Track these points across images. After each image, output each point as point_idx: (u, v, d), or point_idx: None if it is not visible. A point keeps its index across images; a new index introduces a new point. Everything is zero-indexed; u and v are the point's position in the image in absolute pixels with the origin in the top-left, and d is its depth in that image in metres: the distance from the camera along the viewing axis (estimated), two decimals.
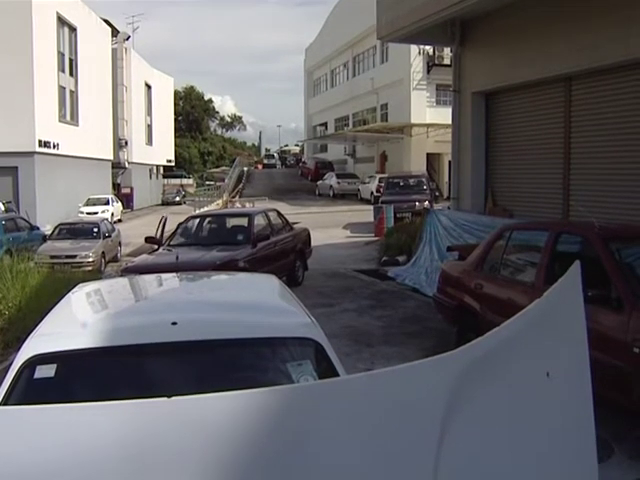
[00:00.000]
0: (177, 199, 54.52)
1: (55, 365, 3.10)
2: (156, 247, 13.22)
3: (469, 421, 1.52)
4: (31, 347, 3.21)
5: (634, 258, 7.15)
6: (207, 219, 15.26)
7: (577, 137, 11.91)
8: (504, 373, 1.58)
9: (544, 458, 1.62)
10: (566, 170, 12.13)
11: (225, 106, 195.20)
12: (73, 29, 37.14)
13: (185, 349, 3.26)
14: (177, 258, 6.22)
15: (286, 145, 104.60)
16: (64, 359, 3.14)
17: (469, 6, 12.23)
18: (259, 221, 14.06)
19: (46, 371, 3.06)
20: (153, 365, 3.27)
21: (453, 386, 1.49)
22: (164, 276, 5.10)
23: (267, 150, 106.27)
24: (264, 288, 4.79)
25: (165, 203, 53.90)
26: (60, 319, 3.79)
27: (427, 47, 39.64)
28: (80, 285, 4.78)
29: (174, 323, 3.30)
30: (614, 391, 5.87)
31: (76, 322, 3.77)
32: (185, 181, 69.57)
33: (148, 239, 14.05)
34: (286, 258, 14.02)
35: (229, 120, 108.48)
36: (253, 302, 4.17)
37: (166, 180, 63.88)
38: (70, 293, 4.41)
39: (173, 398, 1.43)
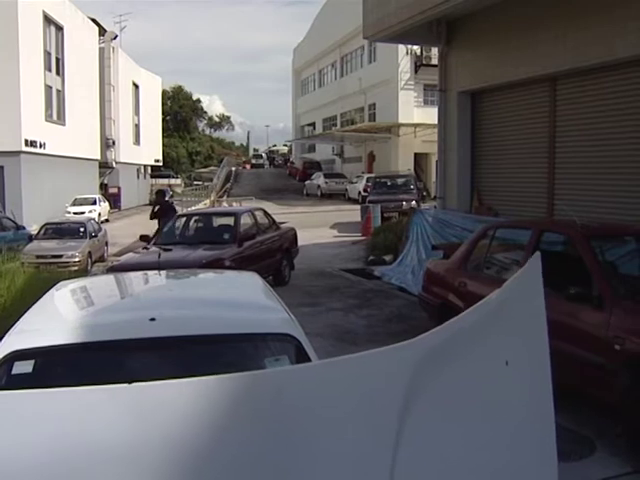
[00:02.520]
0: (165, 199, 54.26)
1: (33, 361, 3.11)
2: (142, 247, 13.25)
3: (427, 408, 1.53)
4: (9, 343, 3.22)
5: (615, 256, 7.21)
6: (194, 218, 15.24)
7: (562, 137, 11.97)
8: (462, 361, 1.59)
9: (503, 445, 1.64)
10: (551, 169, 12.19)
11: (213, 106, 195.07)
12: (60, 28, 36.94)
13: (163, 345, 3.26)
14: (159, 257, 6.20)
15: (274, 145, 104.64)
16: (42, 355, 3.15)
17: (454, 6, 12.27)
18: (245, 220, 14.04)
19: (24, 367, 3.06)
20: (131, 361, 3.27)
21: (411, 374, 1.50)
22: (145, 273, 5.10)
23: (255, 150, 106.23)
24: (244, 285, 4.80)
25: (153, 203, 53.55)
26: (39, 316, 3.79)
27: (415, 47, 39.77)
28: (61, 283, 4.78)
29: (152, 319, 3.31)
30: (596, 388, 5.92)
31: (55, 319, 3.77)
32: (173, 181, 69.26)
33: (142, 237, 14.13)
34: (272, 257, 14.02)
35: (217, 120, 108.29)
36: (232, 299, 4.19)
37: (154, 180, 63.60)
38: (51, 290, 4.41)
39: (133, 384, 1.44)
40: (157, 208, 17.60)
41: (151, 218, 17.52)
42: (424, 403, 1.52)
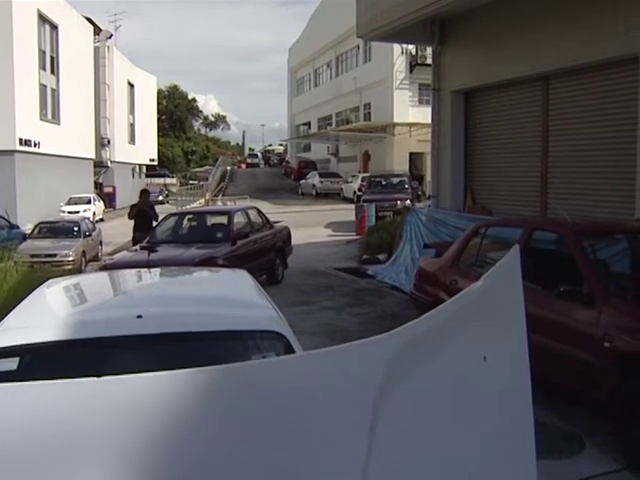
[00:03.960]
0: (160, 198, 54.29)
1: (18, 358, 3.10)
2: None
3: (402, 403, 1.52)
4: None
5: (607, 254, 7.23)
6: (187, 217, 15.24)
7: (554, 135, 12.00)
8: (439, 356, 1.58)
9: (480, 442, 1.63)
10: (544, 168, 12.22)
11: (209, 105, 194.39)
12: (54, 27, 36.87)
13: (150, 342, 3.26)
14: (149, 255, 6.20)
15: (270, 145, 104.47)
16: (27, 352, 3.14)
17: (446, 5, 12.30)
18: (239, 219, 14.04)
19: (9, 364, 3.05)
20: (118, 358, 3.27)
21: (385, 369, 1.49)
22: (134, 272, 5.10)
23: (251, 149, 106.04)
24: (233, 283, 4.80)
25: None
26: (25, 313, 3.78)
27: (410, 46, 39.77)
28: (50, 280, 4.77)
29: (139, 316, 3.31)
30: (586, 385, 5.93)
31: (41, 316, 3.77)
32: (168, 180, 69.22)
33: (135, 240, 14.15)
34: (266, 256, 14.01)
35: (213, 119, 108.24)
36: (220, 296, 4.18)
37: (149, 179, 63.52)
38: (39, 288, 4.41)
39: (102, 378, 1.43)
40: (134, 208, 16.12)
41: (130, 217, 16.11)
42: (398, 399, 1.51)
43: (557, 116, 11.91)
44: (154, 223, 14.86)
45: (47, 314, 3.78)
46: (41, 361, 3.21)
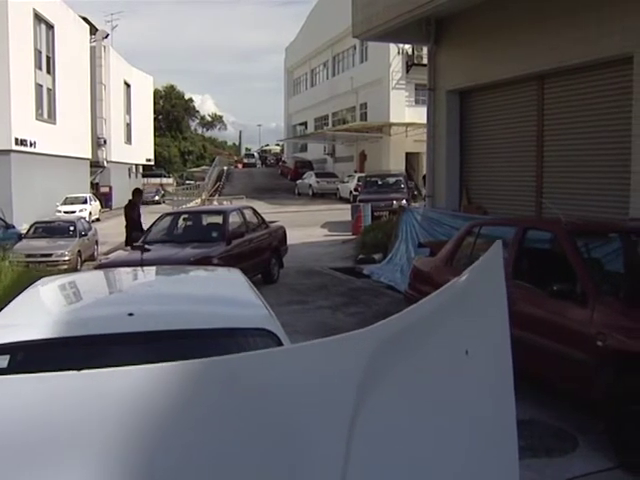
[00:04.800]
0: (156, 198, 54.25)
1: (8, 356, 3.10)
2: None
3: (383, 397, 1.52)
4: None
5: (601, 253, 7.24)
6: (182, 216, 15.25)
7: (549, 135, 12.01)
8: (420, 350, 1.58)
9: (462, 436, 1.63)
10: (539, 167, 12.23)
11: (205, 105, 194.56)
12: (50, 26, 36.84)
13: (141, 340, 3.26)
14: (142, 254, 6.20)
15: (267, 145, 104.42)
16: (17, 350, 3.14)
17: (441, 5, 12.31)
18: (234, 218, 14.05)
19: None
20: (109, 356, 3.26)
21: (366, 363, 1.49)
22: (127, 270, 5.10)
23: (247, 149, 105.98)
24: (225, 281, 4.80)
25: (144, 202, 53.45)
26: (17, 311, 3.78)
27: (406, 46, 39.80)
28: (43, 279, 4.77)
29: (130, 314, 3.31)
30: (579, 384, 5.94)
31: (32, 314, 3.76)
32: (165, 180, 69.26)
33: (128, 241, 14.14)
34: (261, 255, 14.02)
35: (209, 119, 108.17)
36: (212, 294, 4.19)
37: (145, 179, 63.49)
38: (31, 286, 4.40)
39: (83, 372, 1.43)
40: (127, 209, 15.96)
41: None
42: (380, 393, 1.51)
43: (552, 116, 11.92)
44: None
45: (38, 312, 3.78)
46: (32, 359, 3.20)
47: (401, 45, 38.60)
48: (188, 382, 1.43)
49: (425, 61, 33.06)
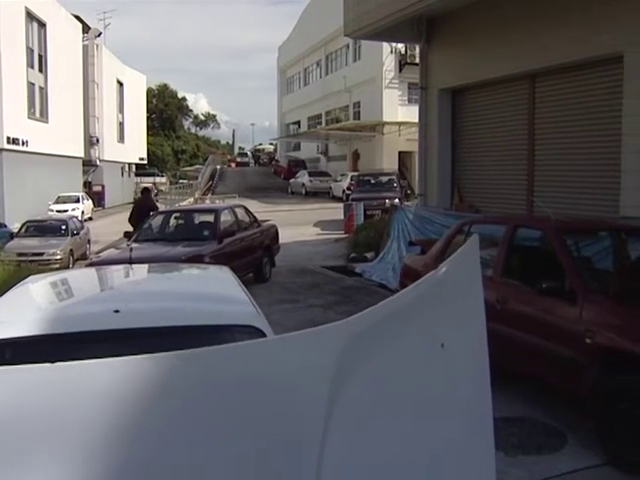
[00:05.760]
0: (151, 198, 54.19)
1: None
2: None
3: (358, 390, 1.51)
4: None
5: (590, 251, 7.26)
6: (174, 215, 15.22)
7: (541, 134, 12.04)
8: (395, 343, 1.57)
9: (438, 429, 1.63)
10: (530, 166, 12.26)
11: (199, 104, 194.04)
12: (42, 25, 36.71)
13: (127, 336, 3.25)
14: (130, 252, 6.19)
15: (260, 144, 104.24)
16: (3, 347, 3.13)
17: (432, 4, 12.34)
18: (225, 217, 14.04)
19: None
20: (95, 353, 3.25)
21: (341, 356, 1.49)
22: (116, 268, 5.09)
23: (241, 148, 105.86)
24: (213, 279, 4.80)
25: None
26: (3, 309, 3.77)
27: (399, 45, 39.83)
28: (31, 277, 4.76)
29: (117, 311, 3.31)
30: (568, 381, 5.95)
31: (19, 311, 3.75)
32: (158, 179, 69.08)
33: (127, 234, 14.10)
34: (253, 254, 14.00)
35: (203, 118, 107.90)
36: (199, 291, 4.19)
37: (139, 178, 63.36)
38: (20, 284, 4.39)
39: (56, 364, 1.43)
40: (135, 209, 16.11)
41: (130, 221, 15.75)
42: (355, 386, 1.51)
43: (543, 114, 11.95)
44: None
45: (25, 309, 3.77)
46: (17, 356, 3.19)
47: (394, 44, 38.63)
48: (162, 375, 1.43)
49: (418, 60, 33.16)
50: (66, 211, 32.01)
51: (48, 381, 1.41)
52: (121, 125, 55.43)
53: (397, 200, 25.74)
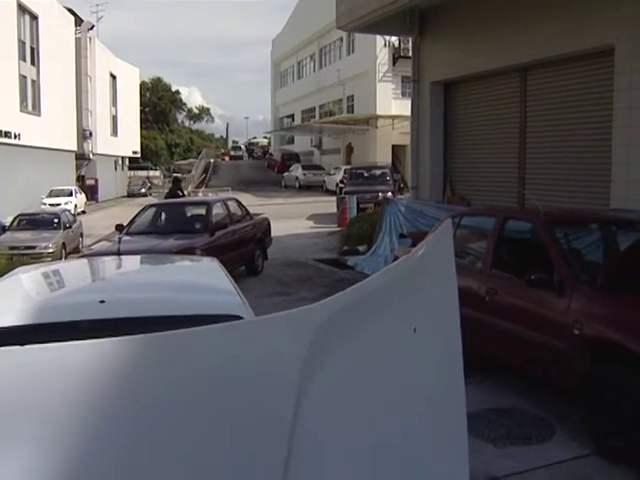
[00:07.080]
0: (143, 191, 54.18)
1: None
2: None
3: (328, 375, 1.51)
4: None
5: (579, 243, 7.28)
6: (166, 207, 15.20)
7: (532, 126, 12.06)
8: (366, 327, 1.57)
9: (411, 415, 1.62)
10: (521, 159, 12.28)
11: (192, 98, 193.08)
12: (34, 17, 36.55)
13: (112, 327, 3.25)
14: (119, 243, 6.18)
15: (254, 137, 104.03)
16: None
17: None
18: (217, 210, 14.02)
19: None
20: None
21: (311, 340, 1.49)
22: (105, 259, 5.09)
23: (234, 142, 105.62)
24: (201, 270, 4.80)
25: (131, 195, 53.48)
26: None
27: (393, 39, 39.78)
28: (19, 268, 4.75)
29: (102, 301, 3.31)
30: (556, 372, 5.98)
31: (4, 301, 3.75)
32: (152, 173, 69.07)
33: (118, 226, 14.07)
34: (245, 247, 14.00)
35: (197, 112, 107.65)
36: (186, 282, 4.19)
37: (132, 172, 63.30)
38: (7, 275, 4.39)
39: (26, 347, 1.43)
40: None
41: None
42: (325, 371, 1.51)
43: (534, 107, 11.97)
44: None
45: (11, 300, 3.76)
46: (2, 345, 3.19)
47: (387, 37, 38.57)
48: (131, 358, 1.43)
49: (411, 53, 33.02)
50: (59, 204, 31.89)
51: (19, 364, 1.41)
52: (114, 118, 55.27)
53: (390, 193, 25.74)
